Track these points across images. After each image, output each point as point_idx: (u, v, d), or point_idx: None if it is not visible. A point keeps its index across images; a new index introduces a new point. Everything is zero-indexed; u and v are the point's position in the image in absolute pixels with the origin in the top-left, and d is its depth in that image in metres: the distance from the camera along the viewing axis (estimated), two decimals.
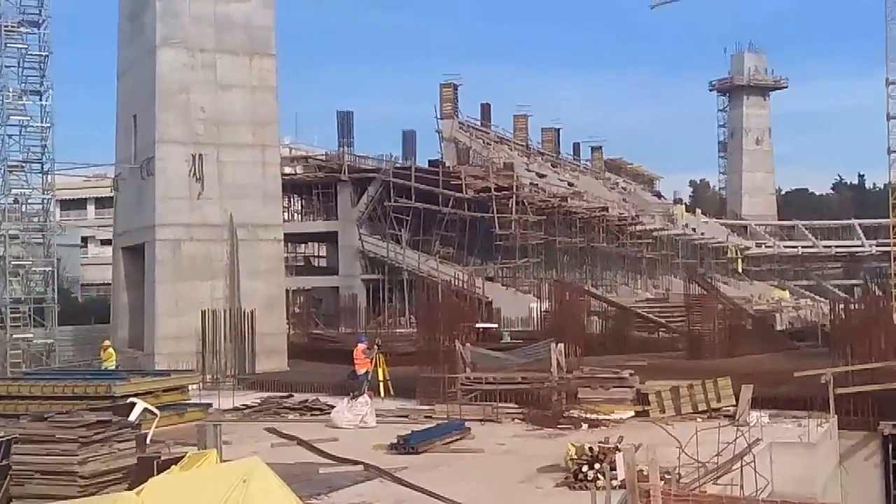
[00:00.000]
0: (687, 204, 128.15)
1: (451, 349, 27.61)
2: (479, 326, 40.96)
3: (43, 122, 40.66)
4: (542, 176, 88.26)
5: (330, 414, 24.38)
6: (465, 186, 67.73)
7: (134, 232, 39.68)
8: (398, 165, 70.46)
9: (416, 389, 27.84)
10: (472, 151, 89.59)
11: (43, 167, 41.02)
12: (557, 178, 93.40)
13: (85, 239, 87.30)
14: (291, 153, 77.94)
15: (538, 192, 76.92)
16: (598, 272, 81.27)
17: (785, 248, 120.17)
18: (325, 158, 72.97)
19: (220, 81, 38.01)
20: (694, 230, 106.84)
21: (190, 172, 36.97)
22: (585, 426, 22.43)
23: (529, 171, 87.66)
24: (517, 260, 68.50)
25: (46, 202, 42.06)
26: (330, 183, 68.36)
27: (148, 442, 16.24)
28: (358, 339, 31.63)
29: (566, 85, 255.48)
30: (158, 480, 10.87)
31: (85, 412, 15.67)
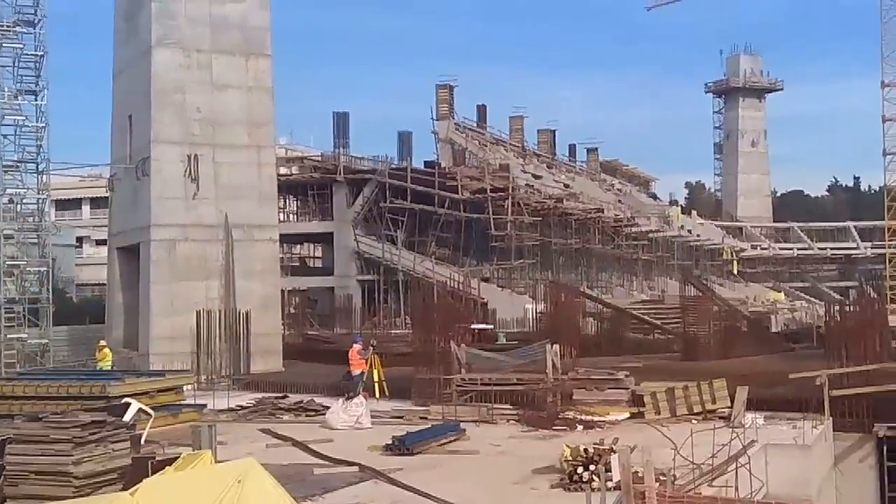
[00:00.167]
0: (682, 205, 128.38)
1: (446, 350, 27.61)
2: (474, 327, 40.95)
3: (38, 121, 40.62)
4: (537, 177, 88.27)
5: (325, 415, 24.38)
6: (460, 187, 67.70)
7: (129, 232, 39.62)
8: (394, 166, 70.42)
9: (411, 390, 27.83)
10: (467, 152, 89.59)
11: (38, 167, 40.98)
12: (553, 179, 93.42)
13: (80, 239, 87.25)
14: (287, 154, 77.96)
15: (534, 193, 76.90)
16: (593, 273, 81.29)
17: (780, 249, 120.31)
18: (320, 159, 72.93)
19: (215, 82, 37.96)
20: (689, 232, 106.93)
21: (185, 173, 36.92)
22: (580, 427, 22.45)
23: (525, 172, 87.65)
24: (513, 261, 68.48)
25: (41, 202, 42.01)
26: (325, 184, 68.29)
27: (142, 442, 16.24)
28: (353, 339, 31.58)
29: (562, 86, 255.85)
30: (153, 481, 10.87)
31: (80, 412, 15.66)
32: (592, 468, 15.69)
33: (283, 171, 65.41)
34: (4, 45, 39.67)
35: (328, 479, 17.12)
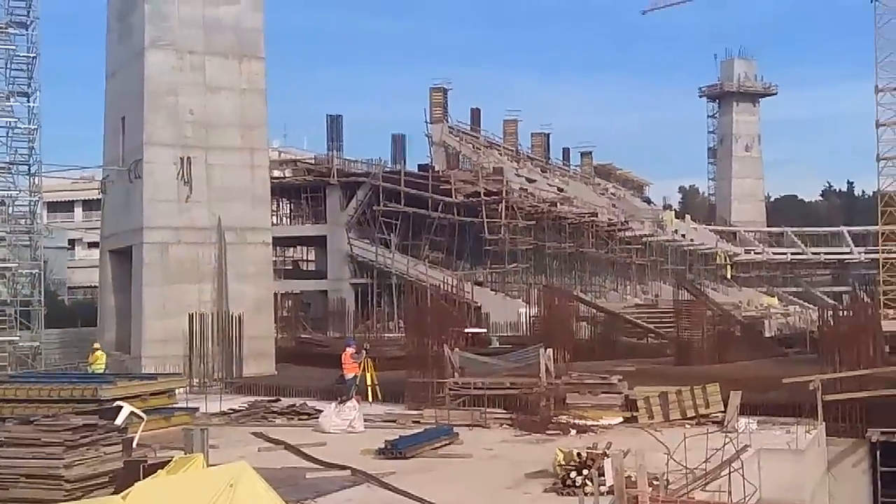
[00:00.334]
0: (676, 210, 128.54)
1: (439, 354, 27.56)
2: (467, 331, 40.93)
3: (30, 123, 40.57)
4: (531, 181, 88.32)
5: (317, 418, 24.31)
6: (454, 191, 67.72)
7: (121, 234, 39.52)
8: (387, 169, 70.41)
9: (404, 394, 27.78)
10: (461, 156, 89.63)
11: (30, 169, 40.92)
12: (547, 183, 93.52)
13: (72, 241, 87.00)
14: (280, 156, 78.00)
15: (528, 197, 76.95)
16: (587, 277, 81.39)
17: (774, 254, 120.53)
18: (314, 162, 72.92)
19: (208, 84, 37.88)
20: (683, 236, 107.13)
21: (178, 175, 36.83)
22: (574, 432, 22.40)
23: (519, 175, 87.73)
24: (506, 265, 68.49)
25: (33, 204, 41.94)
26: (319, 186, 68.27)
27: (134, 446, 16.13)
28: (346, 343, 31.55)
29: (556, 90, 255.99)
30: (145, 485, 10.80)
31: (71, 416, 15.60)
32: (586, 472, 15.65)
33: (276, 173, 65.42)
34: None
35: (321, 482, 17.06)
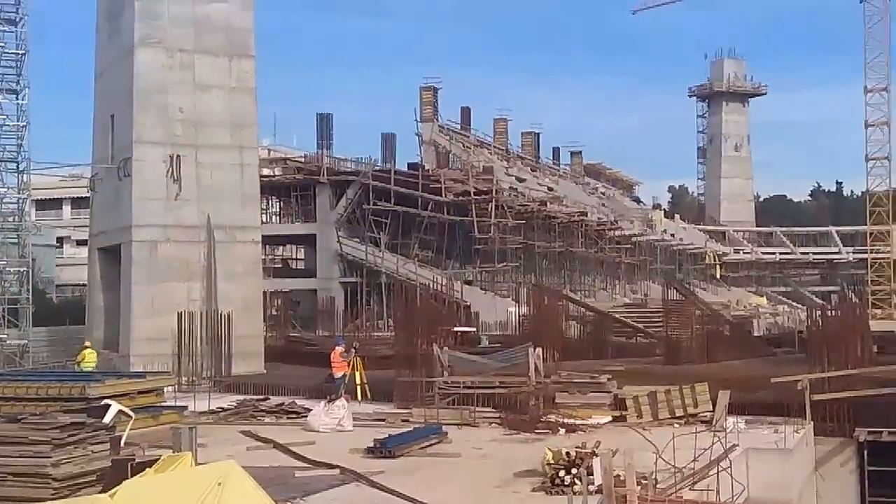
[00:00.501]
0: (666, 209, 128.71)
1: (428, 353, 27.55)
2: (457, 330, 40.98)
3: (19, 120, 40.47)
4: (521, 180, 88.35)
5: (306, 417, 24.28)
6: (444, 190, 67.70)
7: (110, 233, 39.42)
8: (377, 168, 70.33)
9: (393, 393, 27.77)
10: (451, 155, 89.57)
11: (18, 166, 40.82)
12: (537, 182, 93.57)
13: (60, 239, 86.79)
14: (270, 155, 77.81)
15: (517, 196, 76.99)
16: (576, 277, 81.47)
17: (763, 254, 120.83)
18: (303, 160, 72.79)
19: (198, 82, 37.79)
20: (672, 236, 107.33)
21: (167, 173, 36.73)
22: (563, 431, 22.41)
23: (509, 175, 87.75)
24: (496, 264, 68.50)
25: (22, 202, 41.84)
26: (308, 185, 68.17)
27: (122, 444, 16.08)
28: (335, 342, 31.53)
29: (546, 90, 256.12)
30: (132, 483, 10.76)
31: (59, 414, 15.53)
32: (574, 472, 15.66)
33: (266, 172, 65.28)
34: None
35: (309, 481, 17.03)
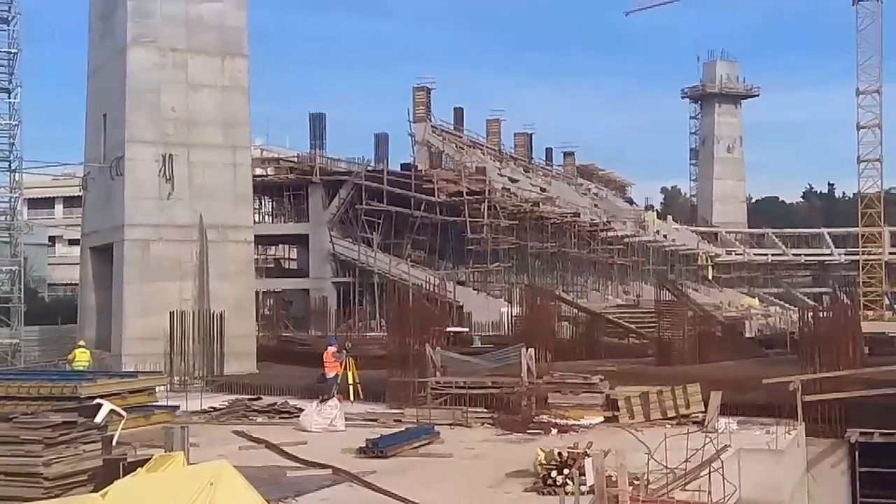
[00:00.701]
0: (658, 210, 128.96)
1: (421, 353, 27.55)
2: (449, 330, 40.91)
3: (11, 119, 40.36)
4: (514, 181, 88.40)
5: (299, 417, 24.26)
6: (437, 190, 67.70)
7: (102, 232, 39.33)
8: (370, 168, 70.32)
9: (385, 393, 27.76)
10: (444, 155, 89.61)
11: (11, 165, 40.72)
12: (530, 182, 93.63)
13: (53, 238, 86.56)
14: (263, 155, 77.68)
15: (510, 196, 77.03)
16: (569, 277, 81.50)
17: (755, 255, 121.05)
18: (296, 160, 72.75)
19: (191, 81, 37.73)
20: (665, 237, 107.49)
21: (160, 172, 36.65)
22: (555, 431, 22.43)
23: (502, 175, 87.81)
24: (488, 264, 68.54)
25: (14, 201, 41.73)
26: (301, 185, 68.13)
27: (114, 444, 16.04)
28: (328, 342, 31.49)
29: (539, 91, 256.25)
30: (124, 483, 10.73)
31: (50, 413, 15.50)
32: (566, 472, 15.67)
33: (258, 171, 65.19)
34: None
35: (301, 481, 17.02)
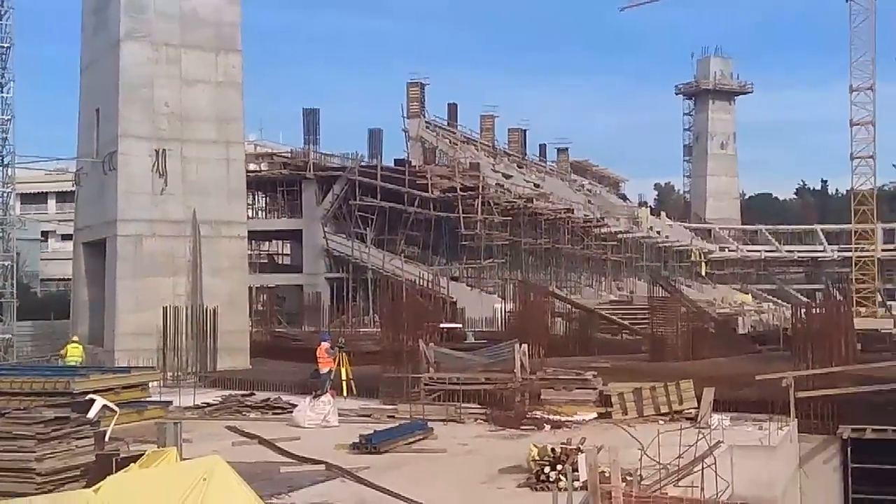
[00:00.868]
0: (652, 207, 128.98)
1: (414, 349, 27.55)
2: (443, 326, 40.92)
3: (4, 114, 40.30)
4: (507, 177, 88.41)
5: (292, 413, 24.25)
6: (430, 186, 67.69)
7: (95, 227, 39.24)
8: (364, 164, 70.25)
9: (379, 389, 27.77)
10: (438, 151, 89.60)
11: (3, 160, 40.67)
12: (523, 179, 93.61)
13: (45, 233, 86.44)
14: (256, 150, 77.58)
15: (504, 192, 77.03)
16: (562, 273, 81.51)
17: (748, 252, 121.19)
18: (290, 156, 72.62)
19: (184, 77, 37.63)
20: (658, 233, 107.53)
21: (153, 168, 36.57)
22: (548, 427, 22.44)
23: (495, 171, 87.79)
24: (482, 260, 68.51)
25: (6, 196, 41.69)
26: (295, 180, 68.04)
27: (107, 439, 16.06)
28: (321, 337, 31.47)
29: (533, 87, 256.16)
30: (117, 478, 10.74)
31: (43, 409, 15.49)
32: (559, 468, 15.69)
33: (252, 167, 65.12)
34: None
35: (295, 477, 17.02)
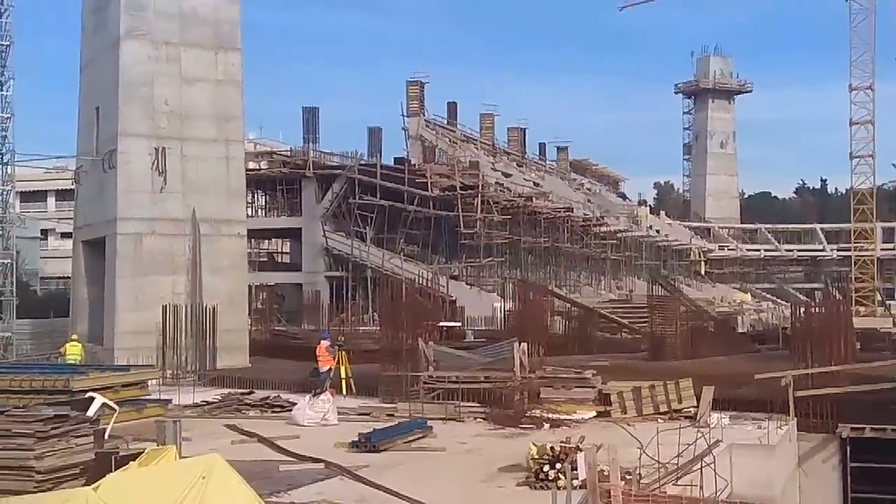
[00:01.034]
0: (651, 206, 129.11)
1: (414, 347, 27.55)
2: (442, 325, 40.91)
3: (4, 112, 40.27)
4: (507, 175, 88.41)
5: (291, 411, 24.25)
6: (430, 185, 67.65)
7: (95, 225, 39.23)
8: (363, 162, 70.28)
9: (378, 387, 27.77)
10: (438, 150, 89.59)
11: (3, 158, 40.64)
12: (523, 177, 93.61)
13: (45, 231, 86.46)
14: (256, 148, 77.67)
15: (503, 191, 77.02)
16: (561, 272, 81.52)
17: (747, 251, 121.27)
18: (289, 154, 72.68)
19: (184, 75, 37.62)
20: (658, 232, 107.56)
21: (153, 166, 36.56)
22: (547, 426, 22.44)
23: (495, 170, 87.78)
24: (482, 259, 68.50)
25: (6, 194, 41.67)
26: (294, 179, 68.07)
27: (106, 437, 16.06)
28: (321, 336, 31.46)
29: (533, 86, 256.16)
30: (116, 476, 10.73)
31: (42, 406, 15.50)
32: (559, 466, 15.69)
33: (251, 165, 65.15)
34: None
35: (294, 475, 17.02)
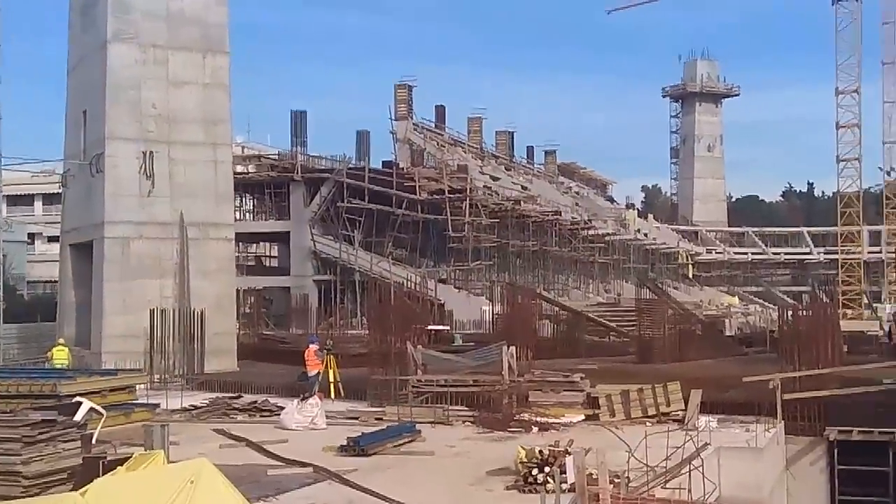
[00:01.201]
0: (639, 209, 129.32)
1: (402, 351, 27.53)
2: (430, 328, 40.90)
3: None
4: (495, 179, 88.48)
5: (279, 415, 24.22)
6: (418, 188, 67.69)
7: (82, 229, 39.13)
8: (352, 166, 70.24)
9: (366, 391, 27.74)
10: (426, 153, 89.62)
11: None
12: (511, 181, 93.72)
13: (32, 235, 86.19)
14: (244, 152, 77.49)
15: (492, 195, 77.12)
16: (550, 276, 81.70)
17: (735, 254, 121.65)
18: (277, 158, 72.59)
19: (172, 78, 37.55)
20: (646, 235, 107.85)
21: (140, 170, 36.47)
22: (536, 429, 22.45)
23: (483, 173, 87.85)
24: (470, 262, 68.56)
25: None
26: (282, 182, 68.01)
27: (93, 442, 15.98)
28: (309, 340, 31.40)
29: (520, 89, 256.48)
30: (104, 481, 10.69)
31: (29, 411, 15.42)
32: (547, 470, 15.70)
33: (239, 169, 65.00)
34: None
35: (282, 479, 16.99)
